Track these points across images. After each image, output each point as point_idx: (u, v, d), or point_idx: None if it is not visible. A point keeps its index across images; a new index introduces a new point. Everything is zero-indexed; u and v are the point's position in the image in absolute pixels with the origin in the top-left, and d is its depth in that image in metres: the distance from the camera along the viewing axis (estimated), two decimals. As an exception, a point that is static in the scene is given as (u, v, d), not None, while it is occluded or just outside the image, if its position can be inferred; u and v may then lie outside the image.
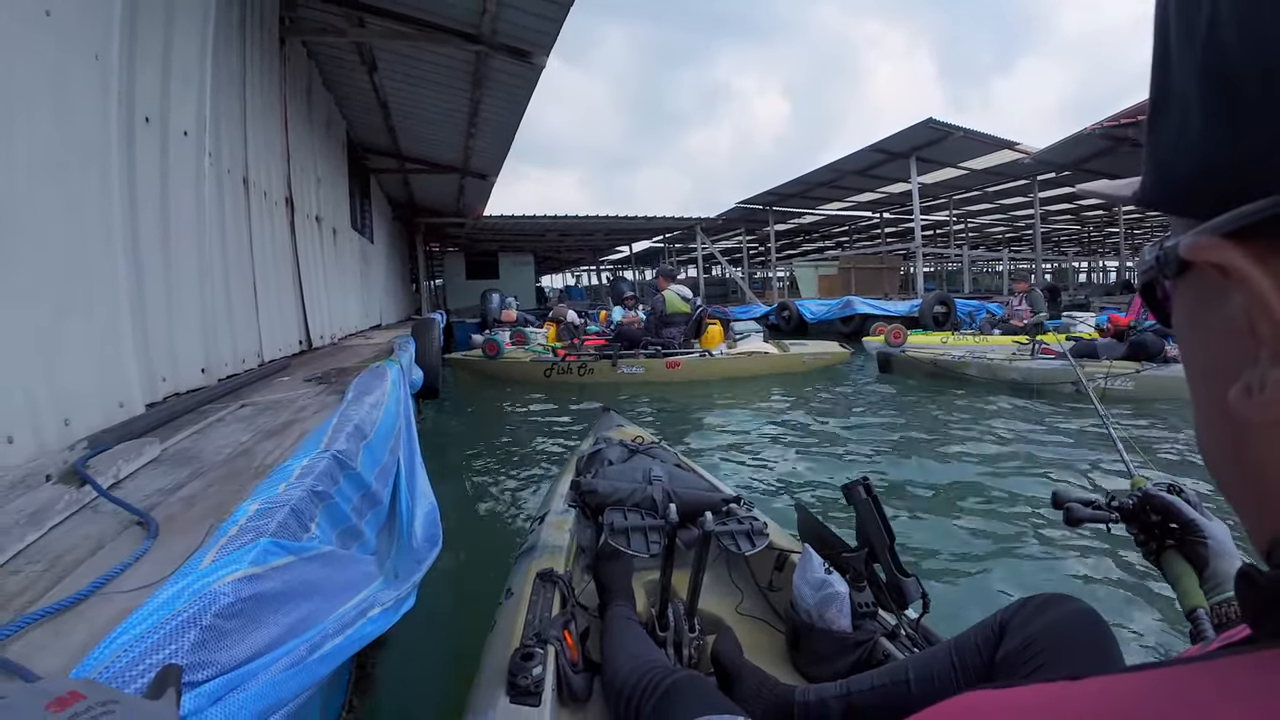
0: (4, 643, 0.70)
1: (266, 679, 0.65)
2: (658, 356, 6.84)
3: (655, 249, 23.88)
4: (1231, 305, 0.21)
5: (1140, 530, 0.87)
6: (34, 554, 0.94)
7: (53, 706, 0.45)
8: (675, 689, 0.92)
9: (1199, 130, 0.21)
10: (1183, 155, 0.22)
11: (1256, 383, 0.20)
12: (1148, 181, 0.25)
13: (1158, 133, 0.24)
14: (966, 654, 0.95)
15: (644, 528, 1.29)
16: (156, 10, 2.30)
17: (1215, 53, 0.19)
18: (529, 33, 4.53)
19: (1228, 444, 0.23)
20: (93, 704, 0.46)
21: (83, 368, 1.65)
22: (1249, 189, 0.19)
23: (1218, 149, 0.20)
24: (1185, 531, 0.81)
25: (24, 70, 1.53)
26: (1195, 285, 0.24)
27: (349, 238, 6.74)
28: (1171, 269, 0.23)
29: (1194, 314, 0.24)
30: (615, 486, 1.49)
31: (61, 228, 1.63)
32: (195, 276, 2.49)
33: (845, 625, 1.23)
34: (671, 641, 1.24)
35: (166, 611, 0.63)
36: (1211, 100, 0.20)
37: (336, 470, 1.26)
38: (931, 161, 12.38)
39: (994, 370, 5.96)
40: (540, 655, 1.04)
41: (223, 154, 2.96)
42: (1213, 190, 0.21)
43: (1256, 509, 0.23)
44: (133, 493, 1.17)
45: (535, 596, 1.27)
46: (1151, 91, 0.24)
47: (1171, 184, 0.23)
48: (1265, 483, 0.22)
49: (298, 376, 2.92)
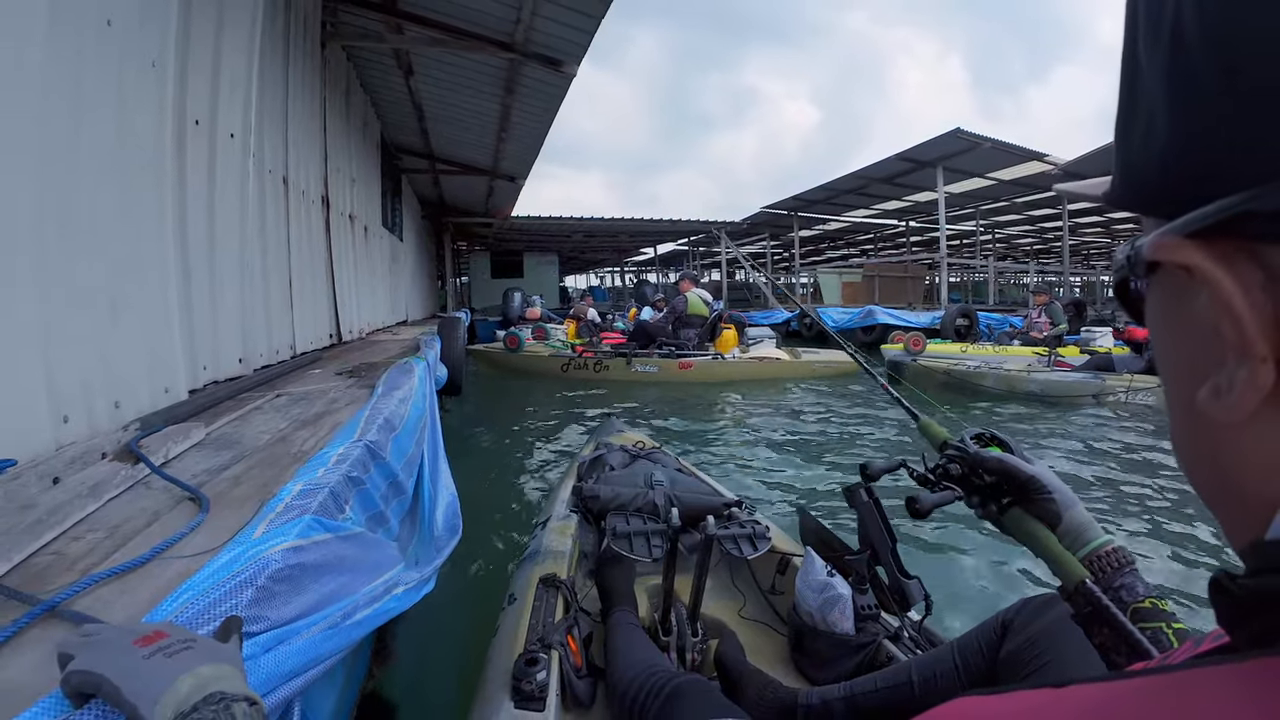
0: (73, 599, 0.80)
1: (308, 638, 0.74)
2: (671, 357, 6.98)
3: (679, 251, 23.92)
4: (1199, 305, 0.20)
5: (973, 493, 0.79)
6: (94, 523, 1.05)
7: (139, 642, 0.54)
8: (679, 693, 0.92)
9: (1164, 130, 0.21)
10: (1149, 155, 0.22)
11: (1225, 383, 0.20)
12: (1116, 181, 0.26)
13: (1126, 133, 0.24)
14: (969, 654, 0.96)
15: (646, 532, 1.29)
16: (208, 19, 2.43)
17: (1178, 52, 0.19)
18: (561, 42, 4.65)
19: (1202, 444, 0.23)
20: (174, 641, 0.54)
21: (133, 354, 1.77)
22: (1212, 189, 0.19)
23: (1181, 149, 0.20)
24: (1029, 489, 0.74)
25: (90, 78, 1.65)
26: (1164, 285, 0.23)
27: (380, 235, 6.92)
28: (1141, 269, 0.23)
29: (1164, 314, 0.24)
30: (617, 491, 1.50)
31: (118, 226, 1.75)
32: (237, 271, 2.62)
33: (848, 628, 1.24)
34: (674, 646, 1.24)
35: (227, 571, 0.73)
36: (1175, 101, 0.20)
37: (368, 459, 1.35)
38: (959, 171, 12.26)
39: (1011, 381, 5.83)
40: (544, 660, 1.04)
41: (265, 155, 3.10)
42: (1177, 190, 0.21)
43: (1233, 510, 0.23)
44: (181, 472, 1.28)
45: (538, 602, 1.27)
46: (1120, 92, 0.24)
47: (1138, 184, 0.24)
48: (1240, 483, 0.21)
49: (328, 369, 3.04)
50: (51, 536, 0.95)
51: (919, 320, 10.63)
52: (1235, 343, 0.19)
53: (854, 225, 19.14)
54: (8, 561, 0.86)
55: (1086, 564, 0.68)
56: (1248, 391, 0.19)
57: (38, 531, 0.94)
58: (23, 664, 0.67)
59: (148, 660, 0.52)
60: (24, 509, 0.99)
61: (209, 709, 0.49)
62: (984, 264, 15.22)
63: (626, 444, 2.13)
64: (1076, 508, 0.73)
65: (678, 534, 1.23)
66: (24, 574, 0.86)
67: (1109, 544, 0.70)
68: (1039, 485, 0.73)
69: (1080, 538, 0.71)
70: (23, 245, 1.36)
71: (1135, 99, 0.23)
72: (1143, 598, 0.65)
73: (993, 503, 0.76)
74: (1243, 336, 0.19)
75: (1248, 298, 0.18)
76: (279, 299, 3.25)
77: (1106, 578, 0.67)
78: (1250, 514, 0.21)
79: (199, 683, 0.51)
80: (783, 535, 1.67)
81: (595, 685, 1.14)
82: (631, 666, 1.04)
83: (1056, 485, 0.74)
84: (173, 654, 0.53)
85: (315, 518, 0.94)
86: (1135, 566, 0.69)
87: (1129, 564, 0.69)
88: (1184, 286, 0.21)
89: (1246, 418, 0.20)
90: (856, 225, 19.12)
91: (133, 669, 0.52)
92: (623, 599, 1.33)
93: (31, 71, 1.39)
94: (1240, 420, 0.20)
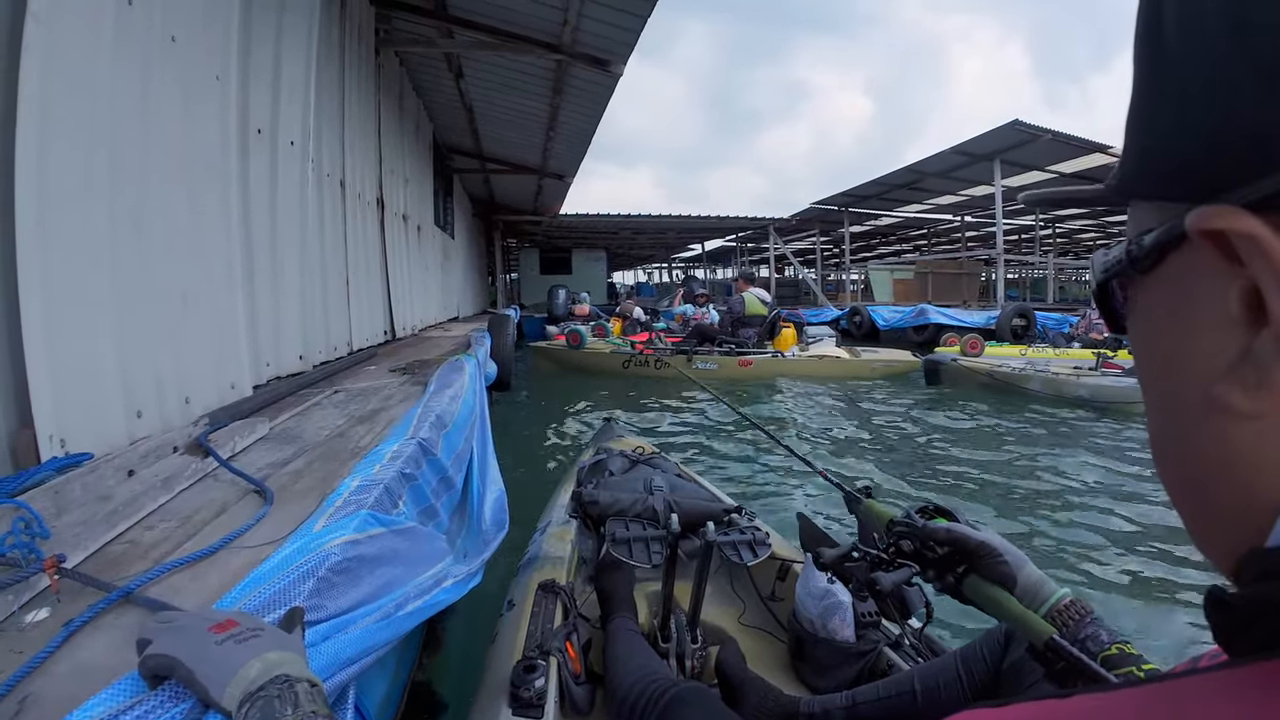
0: (146, 585, 0.85)
1: (363, 627, 0.77)
2: (732, 354, 7.03)
3: (727, 248, 23.74)
4: (1223, 290, 0.20)
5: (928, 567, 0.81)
6: (166, 513, 1.11)
7: (213, 629, 0.57)
8: (679, 700, 0.92)
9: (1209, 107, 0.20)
10: (1183, 137, 0.22)
11: (1252, 371, 0.19)
12: (1130, 169, 0.25)
13: (1148, 118, 0.24)
14: (973, 663, 0.95)
15: (646, 538, 1.28)
16: (268, 32, 2.54)
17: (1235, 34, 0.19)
18: (607, 42, 4.66)
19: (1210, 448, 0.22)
20: (244, 629, 0.58)
21: (201, 352, 1.87)
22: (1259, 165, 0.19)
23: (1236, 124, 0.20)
24: (979, 555, 0.77)
25: (156, 92, 1.74)
26: (1175, 275, 0.23)
27: (432, 234, 7.10)
28: (1147, 260, 0.23)
29: (1171, 308, 0.23)
30: (616, 497, 1.48)
31: (188, 230, 1.85)
32: (297, 271, 2.74)
33: (848, 635, 1.22)
34: (674, 652, 1.23)
35: (291, 563, 0.77)
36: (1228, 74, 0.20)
37: (421, 456, 1.39)
38: (1017, 164, 11.70)
39: (1059, 385, 5.53)
40: (542, 667, 1.03)
41: (323, 160, 3.22)
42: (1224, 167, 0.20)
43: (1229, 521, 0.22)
44: (247, 465, 1.34)
45: (537, 608, 1.26)
46: (1138, 80, 0.24)
47: (1163, 169, 0.23)
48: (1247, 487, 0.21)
49: (383, 366, 3.15)
50: (126, 526, 1.02)
51: (973, 320, 10.21)
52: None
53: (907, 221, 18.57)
54: (84, 550, 0.92)
55: (1049, 619, 0.71)
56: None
57: (114, 521, 1.00)
58: (99, 646, 0.72)
59: (220, 646, 0.56)
60: (101, 500, 1.06)
61: (274, 688, 0.52)
62: (1043, 260, 14.53)
63: (626, 449, 2.12)
64: (1028, 566, 0.76)
65: (677, 540, 1.21)
66: (100, 561, 0.92)
67: (1066, 597, 0.73)
68: (990, 550, 0.77)
69: (1038, 595, 0.73)
70: (100, 248, 1.45)
71: (1162, 84, 0.23)
72: (1108, 645, 0.67)
73: (948, 574, 0.79)
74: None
75: None
76: (337, 297, 3.37)
77: (1071, 630, 0.69)
78: (1248, 522, 0.21)
79: (265, 667, 0.54)
80: (783, 541, 1.64)
81: (594, 692, 1.14)
82: (631, 673, 1.04)
83: (1006, 548, 0.77)
84: (242, 640, 0.57)
85: (371, 513, 0.98)
86: (1096, 615, 0.71)
87: (1089, 613, 0.71)
88: (1202, 273, 0.21)
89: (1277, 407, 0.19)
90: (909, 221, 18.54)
91: (206, 654, 0.55)
92: (622, 605, 1.32)
93: (101, 87, 1.47)
94: (1270, 411, 0.19)
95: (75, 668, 0.68)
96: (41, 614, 0.79)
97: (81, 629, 0.74)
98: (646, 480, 1.65)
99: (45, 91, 1.29)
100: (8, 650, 0.71)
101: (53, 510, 0.98)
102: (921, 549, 0.81)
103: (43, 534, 0.89)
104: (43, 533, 0.90)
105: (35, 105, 1.27)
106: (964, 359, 6.49)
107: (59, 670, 0.68)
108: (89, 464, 1.19)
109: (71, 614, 0.76)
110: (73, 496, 1.04)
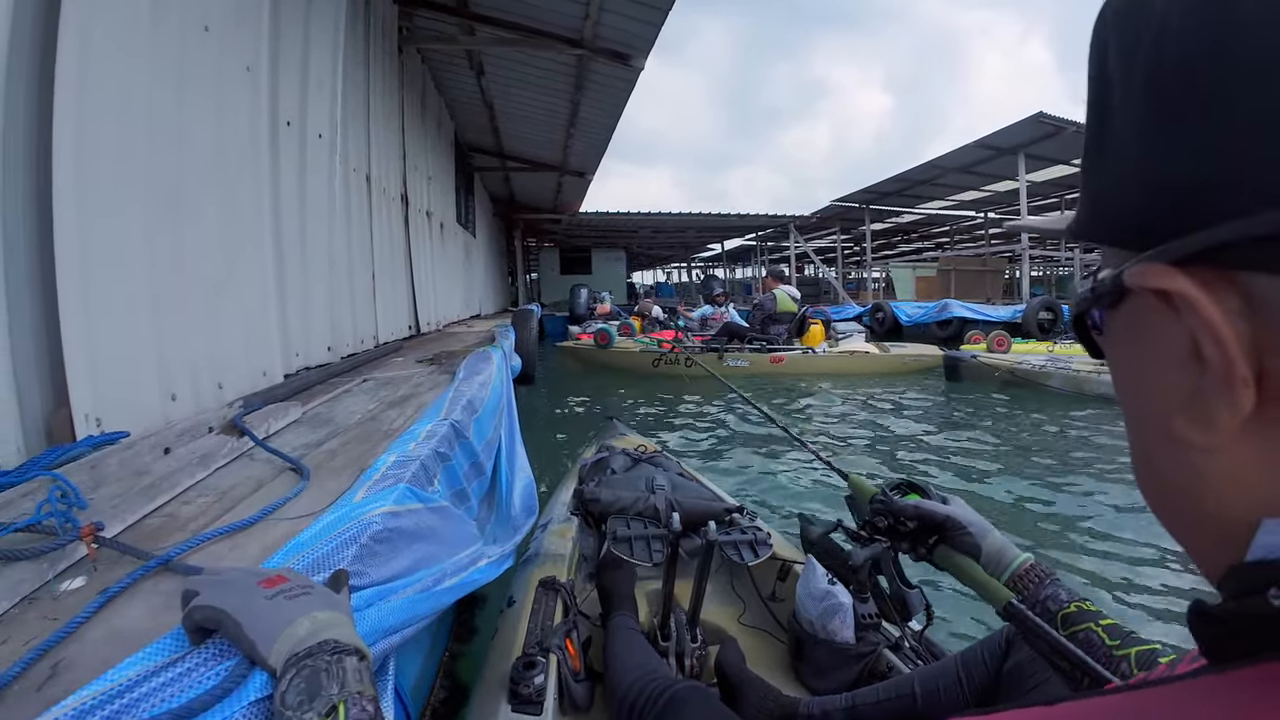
0: (186, 554, 0.83)
1: (404, 597, 0.75)
2: (763, 351, 7.03)
3: (747, 247, 23.60)
4: (1172, 334, 0.21)
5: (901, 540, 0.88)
6: (203, 489, 1.10)
7: (262, 584, 0.55)
8: (678, 699, 0.92)
9: (1139, 166, 0.22)
10: (1125, 190, 0.23)
11: (1201, 409, 0.20)
12: (1084, 215, 0.26)
13: (1097, 169, 0.25)
14: (973, 667, 0.95)
15: (647, 536, 1.28)
16: (296, 25, 2.55)
17: (1160, 90, 0.20)
18: (628, 36, 4.65)
19: (1177, 473, 0.23)
20: (294, 585, 0.56)
21: (234, 340, 1.88)
22: (1189, 221, 0.20)
23: (1159, 184, 0.21)
24: (946, 528, 0.84)
25: (191, 80, 1.75)
26: (1132, 315, 0.24)
27: (454, 231, 7.14)
28: (1107, 299, 0.24)
29: (1132, 344, 0.24)
30: (618, 495, 1.48)
31: (220, 218, 1.86)
32: (325, 263, 2.75)
33: (848, 637, 1.21)
34: (673, 651, 1.23)
35: (333, 529, 0.76)
36: (1155, 137, 0.21)
37: (454, 437, 1.37)
38: (1042, 158, 11.43)
39: (1079, 382, 5.42)
40: (542, 664, 1.04)
41: (350, 153, 3.24)
42: (1153, 223, 0.21)
43: (1209, 537, 0.23)
44: (281, 446, 1.34)
45: (537, 605, 1.26)
46: (1089, 130, 0.25)
47: (1110, 217, 0.24)
48: (1217, 507, 0.21)
49: (410, 357, 3.15)
50: (164, 500, 1.01)
51: (998, 315, 9.95)
52: (1219, 366, 0.19)
53: (929, 218, 18.29)
54: (122, 522, 0.91)
55: (1012, 583, 0.77)
56: (1227, 415, 0.20)
57: (151, 495, 0.99)
58: (135, 613, 0.70)
59: (269, 601, 0.54)
60: (138, 474, 1.05)
61: (323, 658, 0.50)
62: (1069, 257, 14.19)
63: (629, 448, 2.10)
64: (990, 535, 0.82)
65: (678, 539, 1.20)
66: (138, 533, 0.91)
67: (1027, 562, 0.78)
68: (955, 523, 0.83)
69: (1000, 561, 0.79)
70: (135, 234, 1.46)
71: (1107, 136, 0.24)
72: (1067, 603, 0.72)
73: (920, 545, 0.87)
74: (1227, 360, 0.19)
75: (1228, 322, 0.19)
76: (363, 290, 3.39)
77: (1032, 592, 0.75)
78: (1227, 539, 0.21)
79: (315, 627, 0.53)
80: (784, 542, 1.62)
81: (593, 689, 1.13)
82: (630, 672, 1.04)
83: (970, 520, 0.84)
84: (292, 597, 0.55)
85: (409, 487, 0.97)
86: (1056, 577, 0.77)
87: (1050, 575, 0.77)
88: (1155, 317, 0.22)
89: (1228, 441, 0.20)
90: (931, 218, 18.25)
91: (255, 608, 0.53)
92: (622, 603, 1.32)
93: (138, 71, 1.48)
94: (1221, 445, 0.20)
95: (111, 634, 0.67)
96: (77, 582, 0.77)
97: (118, 596, 0.72)
98: (648, 479, 1.64)
99: (82, 75, 1.30)
100: (41, 617, 0.70)
101: (90, 483, 0.98)
102: (895, 524, 0.88)
103: (79, 504, 0.89)
104: (79, 503, 0.89)
105: (73, 89, 1.28)
106: (984, 355, 6.40)
107: (93, 636, 0.66)
108: (125, 441, 1.19)
109: (108, 582, 0.75)
110: (109, 471, 1.03)
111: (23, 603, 0.73)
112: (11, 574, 0.74)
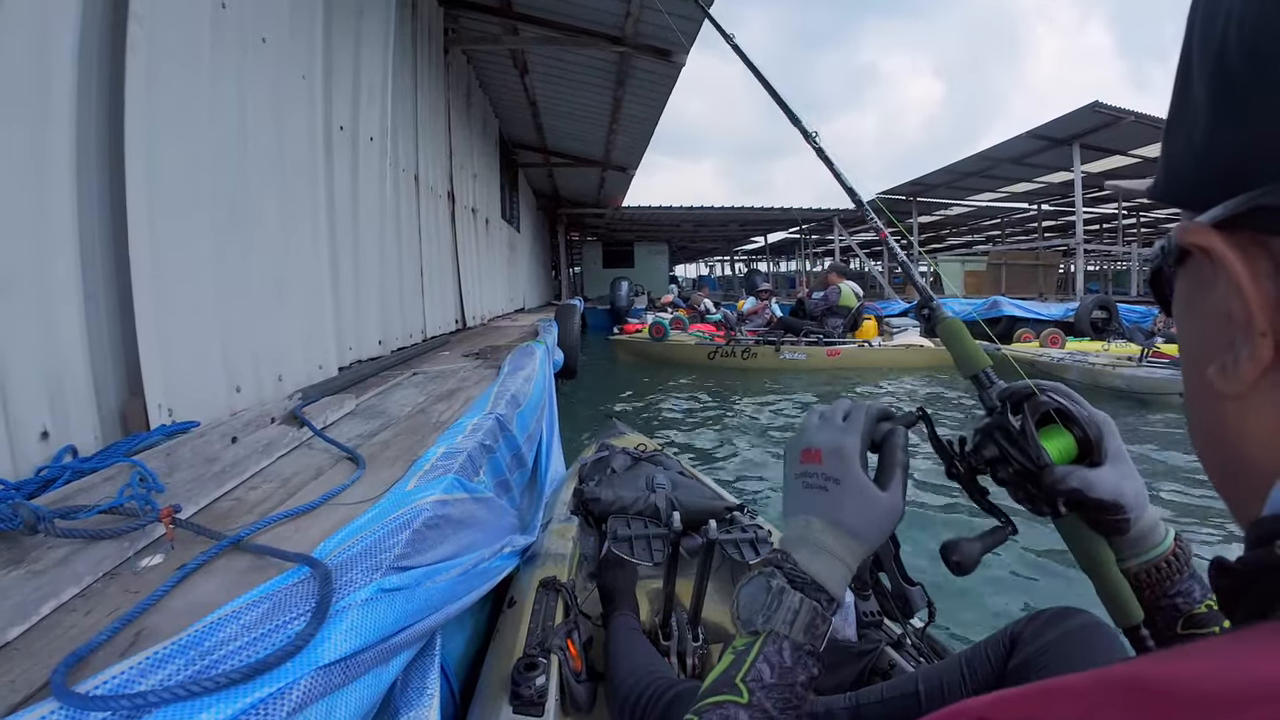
0: (255, 535, 0.91)
1: (448, 578, 0.81)
2: (820, 344, 7.12)
3: (790, 240, 23.28)
4: (1216, 292, 0.23)
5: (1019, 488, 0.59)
6: (267, 475, 1.19)
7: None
8: (680, 699, 0.91)
9: (1204, 132, 0.23)
10: (1190, 154, 0.24)
11: (1231, 359, 0.22)
12: (1160, 177, 0.28)
13: (1173, 134, 0.26)
14: (977, 665, 0.92)
15: (647, 536, 1.27)
16: (348, 34, 2.65)
17: (1221, 60, 0.22)
18: (669, 33, 4.64)
19: (1212, 422, 0.25)
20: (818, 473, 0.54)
21: (293, 335, 1.99)
22: (1239, 185, 0.22)
23: (1214, 149, 0.23)
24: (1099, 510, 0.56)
25: (251, 90, 1.85)
26: (1191, 273, 0.26)
27: (499, 227, 7.29)
28: (1173, 257, 0.26)
29: (1188, 300, 0.26)
30: (618, 494, 1.46)
31: (279, 220, 1.96)
32: (377, 261, 2.86)
33: (850, 635, 1.20)
34: (675, 651, 1.22)
35: (387, 514, 0.82)
36: (1215, 104, 0.22)
37: (498, 430, 1.44)
38: (1097, 149, 10.85)
39: (1095, 376, 5.37)
40: (543, 665, 1.03)
41: (399, 155, 3.35)
42: (1210, 186, 0.23)
43: (1240, 488, 0.24)
44: (338, 436, 1.42)
45: (538, 605, 1.25)
46: (1173, 95, 0.26)
47: (1177, 181, 0.26)
48: (1243, 458, 0.23)
49: (456, 351, 3.25)
50: (232, 485, 1.09)
51: (1050, 313, 9.35)
52: (1241, 320, 0.22)
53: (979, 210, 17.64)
54: (195, 505, 1.00)
55: (1146, 573, 0.59)
56: (1249, 364, 0.22)
57: (221, 480, 1.07)
58: (210, 587, 0.77)
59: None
60: (208, 461, 1.14)
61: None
62: (1126, 251, 13.49)
63: (629, 446, 2.10)
64: (1145, 512, 0.59)
65: (679, 538, 1.21)
66: (210, 515, 0.99)
67: (1170, 547, 0.59)
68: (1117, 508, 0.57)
69: (1142, 544, 0.60)
70: (202, 237, 1.56)
71: (1185, 103, 0.25)
72: (1200, 601, 0.58)
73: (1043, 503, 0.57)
74: (1248, 313, 0.21)
75: (1255, 281, 0.21)
76: (412, 286, 3.51)
77: (1166, 588, 0.59)
78: (1252, 490, 0.23)
79: None
80: None
81: (595, 690, 1.14)
82: (632, 672, 1.04)
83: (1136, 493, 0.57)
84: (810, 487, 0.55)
85: (457, 477, 1.03)
86: (1193, 568, 0.59)
87: (1187, 563, 0.59)
88: (1206, 274, 0.24)
89: (1248, 389, 0.22)
90: (982, 210, 17.61)
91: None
92: (623, 603, 1.32)
93: (202, 83, 1.58)
94: (1242, 392, 0.22)
95: (188, 606, 0.74)
96: (155, 559, 0.85)
97: (195, 572, 0.80)
98: (649, 478, 1.63)
99: (150, 87, 1.39)
100: (123, 591, 0.77)
101: (165, 469, 1.06)
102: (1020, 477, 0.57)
103: (157, 488, 0.97)
104: (157, 487, 0.97)
105: (141, 102, 1.37)
106: (1006, 347, 6.32)
107: (173, 606, 0.73)
108: (196, 430, 1.28)
109: (184, 559, 0.82)
110: (182, 458, 1.12)
111: (104, 578, 0.80)
112: (95, 552, 0.82)
